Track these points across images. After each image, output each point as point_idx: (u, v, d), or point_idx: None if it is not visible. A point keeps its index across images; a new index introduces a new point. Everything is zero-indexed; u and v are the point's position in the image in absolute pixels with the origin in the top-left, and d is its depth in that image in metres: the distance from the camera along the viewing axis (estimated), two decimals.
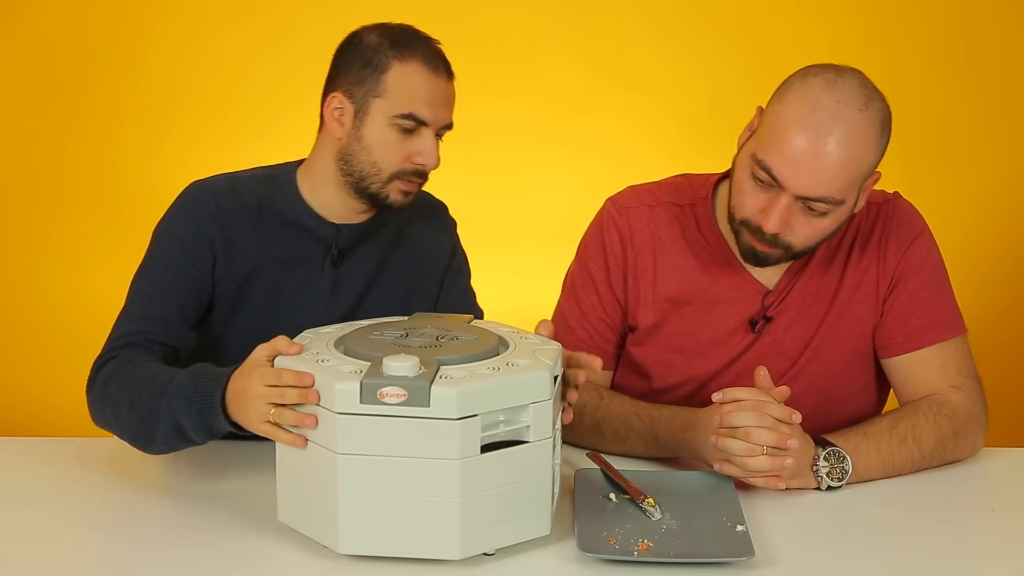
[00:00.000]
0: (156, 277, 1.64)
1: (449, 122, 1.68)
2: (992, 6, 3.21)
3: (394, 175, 1.64)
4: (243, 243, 1.68)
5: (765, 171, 1.55)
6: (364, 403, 1.27)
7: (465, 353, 1.35)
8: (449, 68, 1.67)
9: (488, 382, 1.29)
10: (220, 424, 1.41)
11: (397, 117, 1.61)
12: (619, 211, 1.79)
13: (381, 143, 1.63)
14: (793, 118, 1.54)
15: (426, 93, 1.62)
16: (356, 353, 1.35)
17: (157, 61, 3.28)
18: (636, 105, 3.31)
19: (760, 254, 1.62)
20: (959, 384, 1.68)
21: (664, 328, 1.75)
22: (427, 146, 1.63)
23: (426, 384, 1.26)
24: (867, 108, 1.54)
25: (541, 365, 1.34)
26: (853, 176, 1.55)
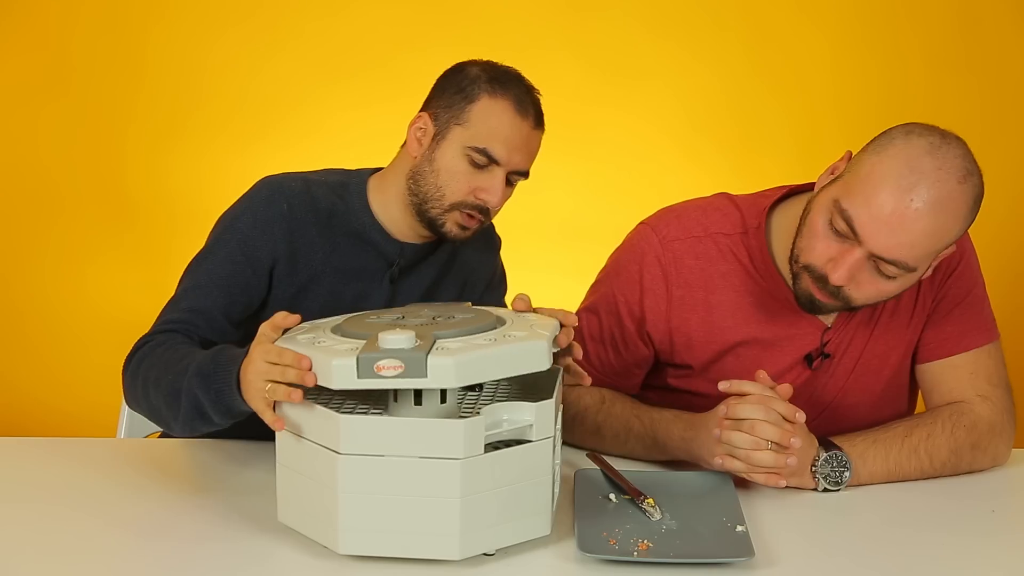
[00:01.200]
0: (210, 270, 1.64)
1: (525, 169, 1.68)
2: (992, 6, 3.21)
3: (455, 204, 1.66)
4: (308, 249, 1.69)
5: (846, 221, 1.48)
6: (362, 377, 1.25)
7: (461, 328, 1.34)
8: (540, 118, 1.69)
9: (485, 351, 1.28)
10: (237, 404, 1.40)
11: (471, 149, 1.64)
12: (664, 245, 1.69)
13: (450, 169, 1.65)
14: (888, 174, 1.46)
15: (506, 132, 1.64)
16: (352, 334, 1.35)
17: (163, 62, 3.28)
18: (637, 104, 3.31)
19: (818, 303, 1.56)
20: (987, 394, 1.66)
21: (717, 365, 1.69)
22: (494, 184, 1.65)
23: (422, 355, 1.25)
24: (965, 182, 1.47)
25: (538, 336, 1.33)
26: (933, 247, 1.49)
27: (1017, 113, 3.25)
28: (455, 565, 1.32)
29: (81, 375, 2.87)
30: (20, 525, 1.45)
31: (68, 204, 3.32)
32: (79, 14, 3.25)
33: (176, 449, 1.68)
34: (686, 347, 1.70)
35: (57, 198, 3.34)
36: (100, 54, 3.27)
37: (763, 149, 3.13)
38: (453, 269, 1.83)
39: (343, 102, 3.22)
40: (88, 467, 1.62)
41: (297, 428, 1.35)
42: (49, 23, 3.27)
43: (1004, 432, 1.65)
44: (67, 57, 3.27)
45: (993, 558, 1.41)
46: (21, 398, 3.31)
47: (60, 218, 3.33)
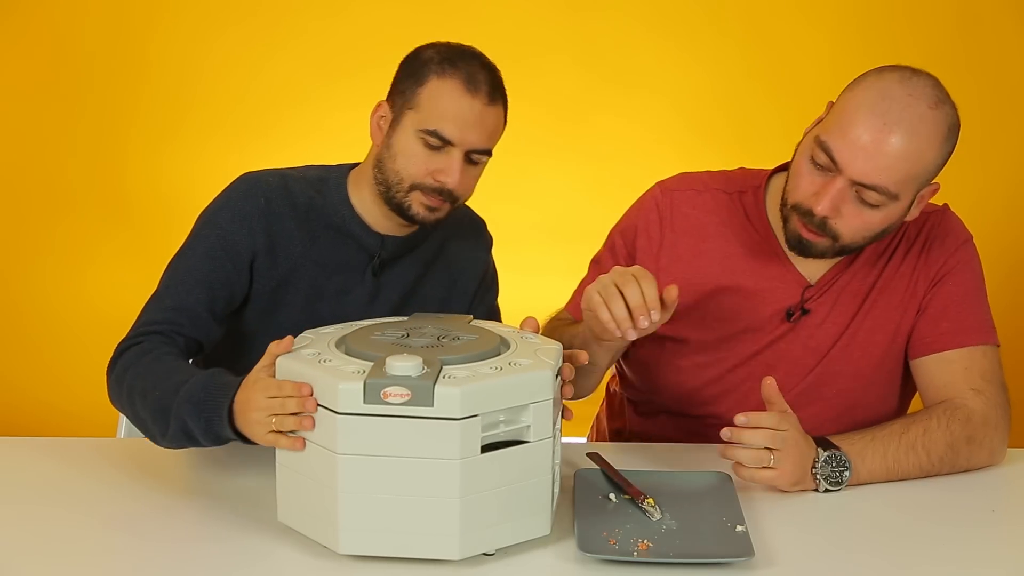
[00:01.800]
0: (191, 267, 1.65)
1: (483, 148, 1.65)
2: (992, 6, 3.21)
3: (414, 186, 1.64)
4: (288, 242, 1.69)
5: (825, 152, 1.56)
6: (368, 403, 1.27)
7: (467, 353, 1.35)
8: (495, 93, 1.65)
9: (491, 381, 1.29)
10: (226, 433, 1.42)
11: (423, 132, 1.62)
12: (664, 193, 1.80)
13: (406, 153, 1.64)
14: (862, 103, 1.55)
15: (455, 111, 1.61)
16: (358, 353, 1.35)
17: (162, 61, 3.28)
18: (636, 105, 3.31)
19: (805, 241, 1.63)
20: (981, 388, 1.66)
21: (698, 310, 1.74)
22: (451, 165, 1.63)
23: (430, 384, 1.26)
24: (937, 108, 1.55)
25: (543, 364, 1.34)
26: (911, 172, 1.56)
27: (1017, 113, 3.25)
28: (455, 565, 1.32)
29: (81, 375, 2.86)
30: (20, 525, 1.45)
31: (68, 204, 3.33)
32: (79, 15, 3.25)
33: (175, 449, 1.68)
34: None
35: (57, 198, 3.34)
36: (100, 54, 3.27)
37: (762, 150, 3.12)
38: (439, 264, 1.81)
39: (343, 102, 3.21)
40: (88, 467, 1.61)
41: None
42: (48, 24, 3.27)
43: (999, 426, 1.65)
44: (66, 57, 3.27)
45: (993, 557, 1.41)
46: (21, 398, 3.31)
47: (60, 218, 3.33)
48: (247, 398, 1.38)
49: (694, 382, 1.75)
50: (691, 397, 1.78)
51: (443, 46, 1.67)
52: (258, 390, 1.36)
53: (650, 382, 1.81)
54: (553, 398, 1.34)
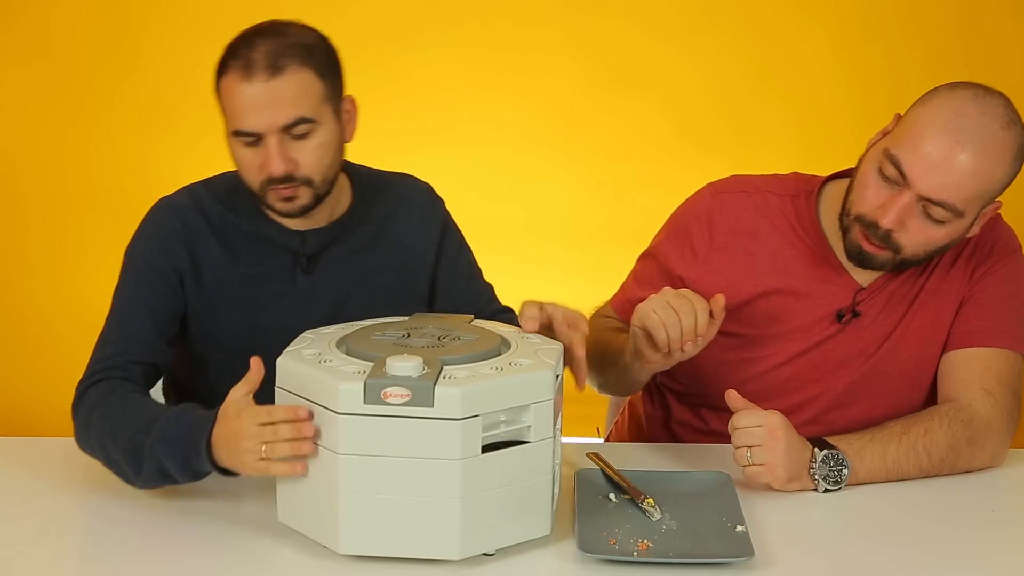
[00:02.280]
0: (129, 297, 1.63)
1: (292, 120, 1.52)
2: (992, 6, 3.21)
3: (261, 187, 1.57)
4: (210, 260, 1.65)
5: (895, 166, 1.56)
6: (368, 403, 1.27)
7: (467, 353, 1.35)
8: (279, 62, 1.52)
9: (492, 382, 1.29)
10: (205, 468, 1.40)
11: (233, 136, 1.55)
12: (714, 195, 1.80)
13: (237, 159, 1.58)
14: (935, 119, 1.55)
15: (241, 104, 1.52)
16: (359, 353, 1.35)
17: (154, 59, 3.27)
18: (636, 106, 3.31)
19: (866, 253, 1.63)
20: (993, 390, 1.66)
21: (748, 309, 1.75)
22: (267, 155, 1.53)
23: (430, 384, 1.26)
24: (1009, 128, 1.56)
25: (544, 365, 1.34)
26: (979, 191, 1.56)
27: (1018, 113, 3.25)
28: (455, 565, 1.32)
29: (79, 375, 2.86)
30: (19, 525, 1.45)
31: (64, 203, 3.32)
32: (75, 15, 3.25)
33: None
34: (723, 287, 1.71)
35: (53, 197, 3.34)
36: (96, 54, 3.27)
37: (763, 150, 3.13)
38: (382, 247, 1.73)
39: None
40: (87, 467, 1.61)
41: None
42: (44, 24, 3.27)
43: (1002, 430, 1.65)
44: (63, 57, 3.26)
45: (994, 558, 1.41)
46: (21, 398, 3.31)
47: (56, 217, 3.33)
48: (232, 429, 1.35)
49: (738, 377, 1.74)
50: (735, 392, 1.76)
51: (242, 33, 1.58)
52: (246, 418, 1.34)
53: (694, 375, 1.80)
54: (554, 398, 1.34)
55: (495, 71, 3.27)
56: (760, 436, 1.51)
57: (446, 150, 3.23)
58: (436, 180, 1.75)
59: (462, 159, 3.24)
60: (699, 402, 1.83)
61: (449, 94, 3.27)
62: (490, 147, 3.26)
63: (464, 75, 3.28)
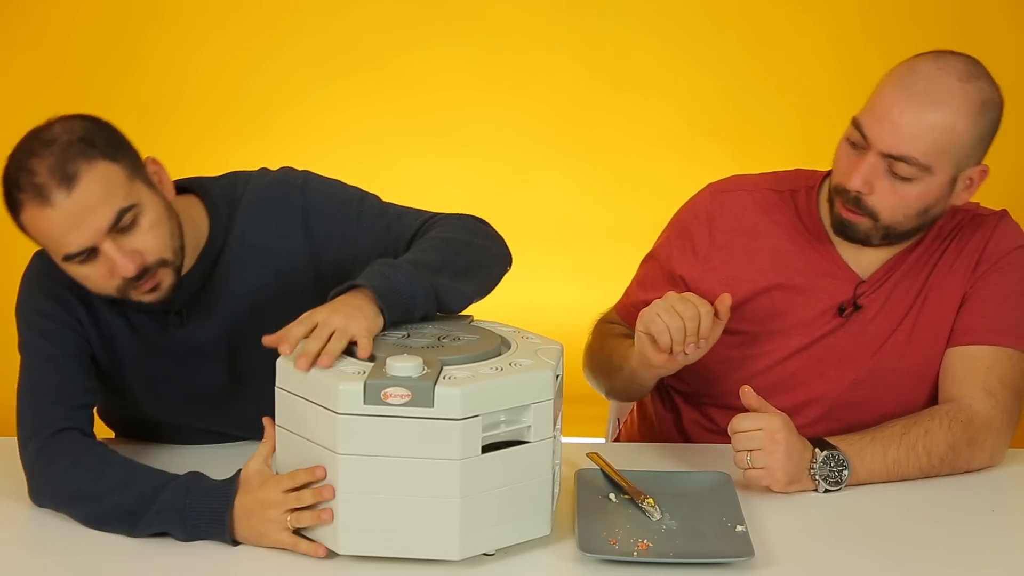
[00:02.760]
0: (40, 349, 1.54)
1: (111, 221, 1.42)
2: (992, 6, 3.21)
3: (122, 290, 1.48)
4: (100, 311, 1.58)
5: (857, 129, 1.60)
6: (368, 403, 1.26)
7: (467, 353, 1.35)
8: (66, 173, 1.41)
9: (491, 382, 1.29)
10: (215, 539, 1.39)
11: (63, 261, 1.46)
12: (713, 195, 1.81)
13: (79, 277, 1.48)
14: (892, 81, 1.60)
15: (56, 230, 1.42)
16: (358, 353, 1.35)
17: (154, 60, 3.28)
18: (636, 106, 3.31)
19: (846, 221, 1.65)
20: (994, 391, 1.65)
21: (750, 306, 1.75)
22: (109, 261, 1.44)
23: (430, 384, 1.26)
24: (968, 81, 1.58)
25: (544, 365, 1.34)
26: (940, 143, 1.57)
27: (1017, 113, 3.24)
28: (455, 565, 1.32)
29: None
30: (19, 524, 1.45)
31: None
32: (74, 14, 3.25)
33: (174, 449, 1.67)
34: (724, 285, 1.73)
35: None
36: (96, 53, 3.27)
37: (764, 149, 3.13)
38: (252, 267, 1.62)
39: (342, 102, 3.22)
40: None
41: (297, 427, 1.35)
42: (44, 24, 3.27)
43: (1002, 431, 1.64)
44: (63, 56, 3.27)
45: (994, 558, 1.41)
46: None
47: None
48: (258, 499, 1.36)
49: (742, 374, 1.74)
50: (738, 389, 1.75)
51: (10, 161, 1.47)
52: (271, 487, 1.35)
53: (699, 375, 1.80)
54: (554, 398, 1.34)
55: (495, 71, 3.28)
56: (760, 440, 1.51)
57: (446, 150, 3.23)
58: (436, 180, 1.75)
59: (462, 159, 3.25)
60: (706, 402, 1.83)
61: (449, 94, 3.27)
62: (490, 147, 3.26)
63: (464, 75, 3.28)
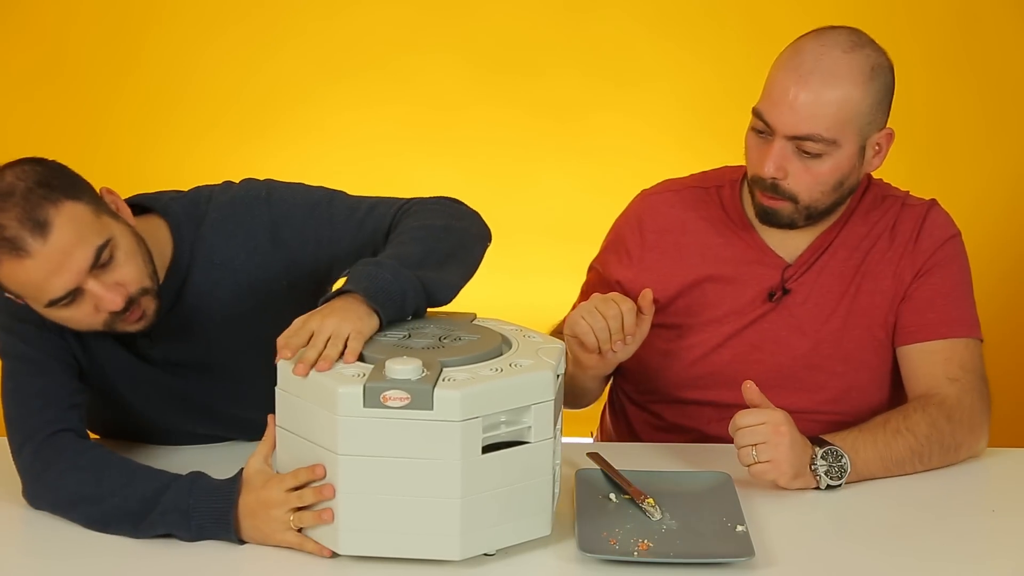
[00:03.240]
0: (23, 355, 1.53)
1: (90, 260, 1.41)
2: (992, 6, 3.21)
3: (108, 324, 1.47)
4: (75, 338, 1.56)
5: (759, 117, 1.64)
6: (368, 406, 1.27)
7: (468, 354, 1.35)
8: (37, 221, 1.38)
9: (491, 384, 1.29)
10: (219, 538, 1.39)
11: (44, 308, 1.44)
12: (643, 199, 1.87)
13: (64, 320, 1.47)
14: (779, 65, 1.66)
15: (36, 280, 1.40)
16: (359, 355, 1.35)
17: (154, 61, 3.27)
18: (636, 105, 3.30)
19: (769, 209, 1.68)
20: (957, 376, 1.68)
21: (682, 300, 1.79)
22: (96, 298, 1.43)
23: (429, 387, 1.26)
24: (852, 51, 1.63)
25: (544, 365, 1.34)
26: (840, 115, 1.61)
27: (1017, 113, 3.25)
28: (455, 565, 1.32)
29: None
30: (19, 525, 1.45)
31: None
32: (74, 14, 3.25)
33: (174, 449, 1.68)
34: (657, 282, 1.77)
35: None
36: (96, 53, 3.27)
37: None
38: (222, 288, 1.61)
39: (342, 102, 3.21)
40: None
41: (297, 428, 1.35)
42: (43, 24, 3.26)
43: (975, 408, 1.66)
44: (63, 56, 3.26)
45: (994, 556, 1.42)
46: None
47: None
48: (261, 498, 1.36)
49: (680, 364, 1.79)
50: (680, 381, 1.80)
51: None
52: (273, 486, 1.35)
53: (641, 371, 1.83)
54: (554, 398, 1.34)
55: (495, 71, 3.27)
56: (764, 433, 1.51)
57: (446, 150, 3.23)
58: (436, 180, 1.75)
59: (462, 159, 3.24)
60: (651, 398, 1.85)
61: (449, 94, 3.27)
62: (490, 147, 3.26)
63: (464, 75, 3.28)
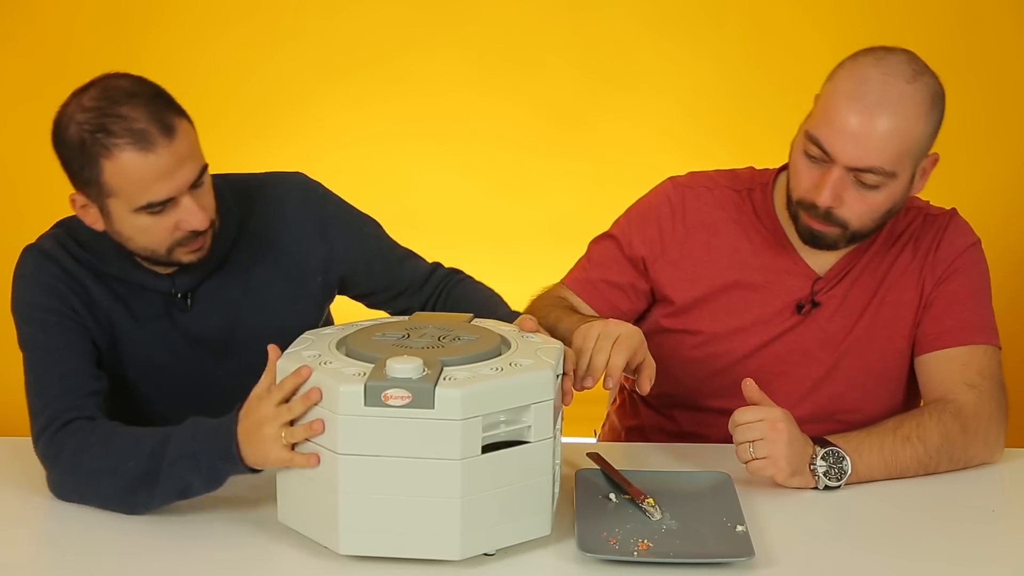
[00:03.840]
0: (42, 343, 1.56)
1: (196, 175, 1.50)
2: (992, 6, 3.21)
3: (171, 248, 1.53)
4: (97, 301, 1.60)
5: (816, 145, 1.60)
6: (368, 405, 1.27)
7: (468, 353, 1.35)
8: (166, 122, 1.47)
9: (492, 383, 1.29)
10: (235, 472, 1.40)
11: (139, 210, 1.49)
12: (676, 188, 1.82)
13: (139, 231, 1.51)
14: (841, 91, 1.59)
15: (150, 177, 1.46)
16: (358, 355, 1.35)
17: (154, 61, 3.26)
18: (636, 105, 3.31)
19: (817, 233, 1.66)
20: (976, 383, 1.67)
21: (708, 304, 1.77)
22: (187, 212, 1.50)
23: (430, 386, 1.26)
24: (915, 81, 1.59)
25: (544, 365, 1.34)
26: (902, 148, 1.58)
27: (1017, 113, 3.25)
28: (455, 565, 1.32)
29: None
30: (18, 525, 1.45)
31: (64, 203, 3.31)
32: (75, 15, 3.25)
33: None
34: (682, 281, 1.77)
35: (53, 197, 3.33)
36: (96, 54, 3.27)
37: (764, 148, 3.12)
38: (262, 263, 1.67)
39: (342, 102, 3.22)
40: None
41: None
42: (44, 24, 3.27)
43: (993, 419, 1.65)
44: (64, 56, 3.26)
45: (994, 557, 1.41)
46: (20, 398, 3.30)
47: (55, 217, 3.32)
48: (255, 418, 1.36)
49: (704, 373, 1.77)
50: (702, 389, 1.79)
51: (83, 109, 1.48)
52: (264, 403, 1.35)
53: (662, 375, 1.81)
54: (554, 398, 1.34)
55: (495, 71, 3.28)
56: (762, 430, 1.51)
57: (446, 150, 3.23)
58: (436, 180, 1.74)
59: (462, 159, 3.25)
60: (669, 403, 1.84)
61: (449, 94, 3.27)
62: (490, 147, 3.26)
63: (464, 75, 3.28)
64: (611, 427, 2.02)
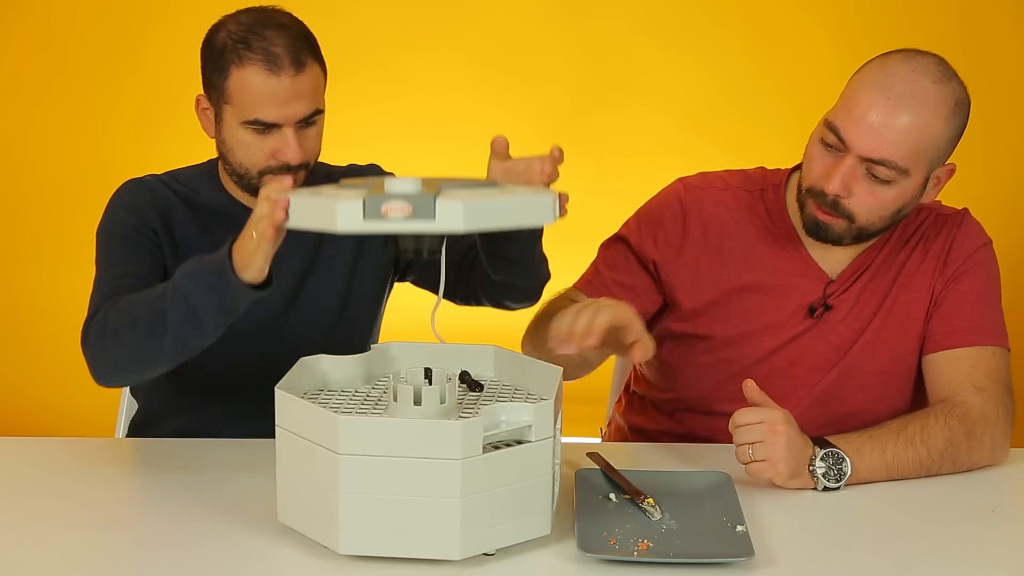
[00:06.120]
0: (111, 251, 1.67)
1: (309, 113, 1.62)
2: (992, 6, 3.21)
3: (262, 172, 1.64)
4: (184, 232, 1.71)
5: (833, 133, 1.60)
6: (368, 219, 1.22)
7: (466, 183, 1.34)
8: (299, 57, 1.60)
9: (493, 199, 1.26)
10: (232, 290, 1.41)
11: (245, 123, 1.61)
12: (687, 189, 1.81)
13: (239, 145, 1.63)
14: (866, 82, 1.60)
15: (267, 97, 1.59)
16: (354, 187, 1.33)
17: (154, 61, 3.28)
18: (636, 106, 3.31)
19: (822, 223, 1.65)
20: (983, 386, 1.67)
21: (720, 307, 1.76)
22: (285, 144, 1.62)
23: (431, 196, 1.22)
24: (941, 83, 1.58)
25: (544, 191, 1.33)
26: (919, 146, 1.58)
27: (1017, 113, 3.25)
28: (455, 565, 1.32)
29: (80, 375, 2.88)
30: (19, 525, 1.45)
31: (65, 203, 3.32)
32: (75, 14, 3.25)
33: (175, 449, 1.68)
34: (692, 283, 1.76)
35: (54, 197, 3.34)
36: (96, 54, 3.27)
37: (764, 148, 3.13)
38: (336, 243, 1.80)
39: (343, 102, 3.21)
40: (86, 467, 1.62)
41: (297, 428, 1.35)
42: (44, 25, 3.27)
43: (999, 423, 1.65)
44: (62, 57, 3.27)
45: (994, 557, 1.41)
46: (20, 398, 3.31)
47: (57, 217, 3.33)
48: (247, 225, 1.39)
49: (716, 378, 1.76)
50: (713, 394, 1.78)
51: (236, 23, 1.62)
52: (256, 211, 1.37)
53: (672, 380, 1.81)
54: (554, 398, 1.34)
55: (494, 72, 3.28)
56: (761, 432, 1.51)
57: (446, 150, 3.23)
58: None
59: (462, 159, 3.24)
60: (679, 407, 1.83)
61: (449, 94, 3.28)
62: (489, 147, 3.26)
63: (464, 75, 3.29)
64: (616, 427, 2.01)
